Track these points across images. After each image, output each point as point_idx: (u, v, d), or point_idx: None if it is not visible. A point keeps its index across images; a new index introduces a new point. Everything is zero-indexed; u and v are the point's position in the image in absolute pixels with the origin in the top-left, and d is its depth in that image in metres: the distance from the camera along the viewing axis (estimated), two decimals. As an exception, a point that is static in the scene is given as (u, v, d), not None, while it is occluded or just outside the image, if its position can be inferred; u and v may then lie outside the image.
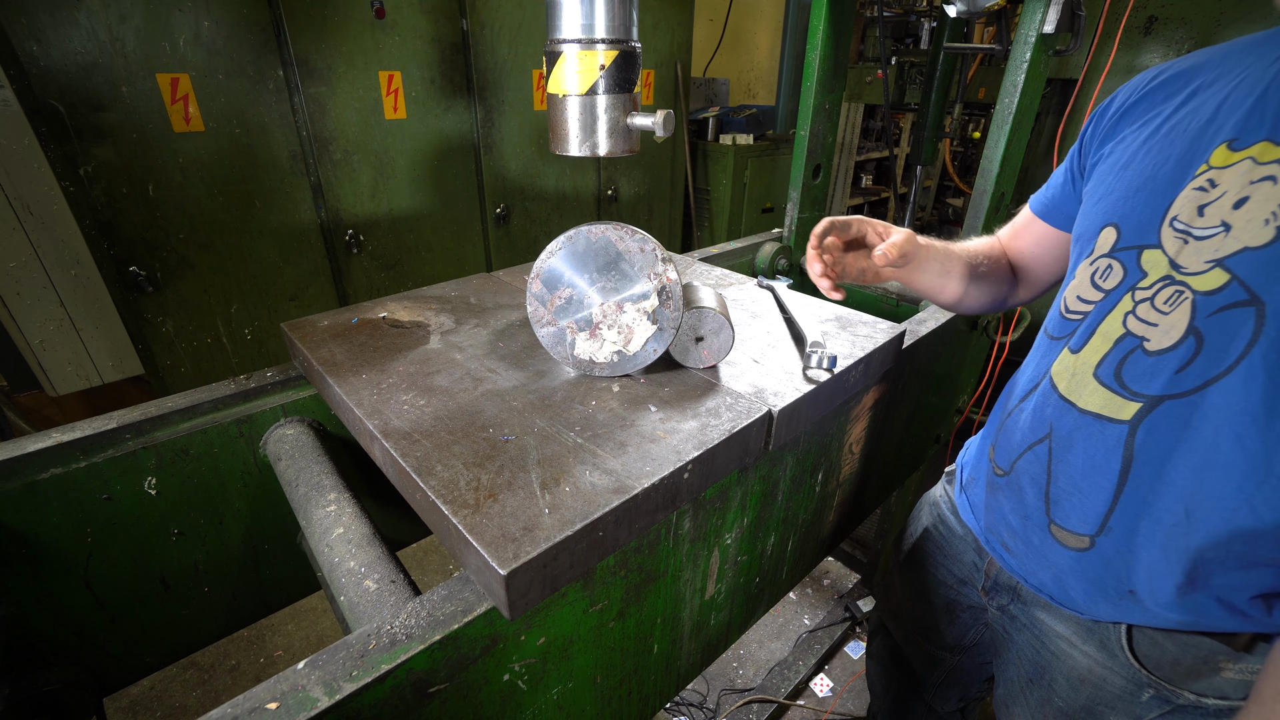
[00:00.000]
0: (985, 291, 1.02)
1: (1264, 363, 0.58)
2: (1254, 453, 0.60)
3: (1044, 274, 1.01)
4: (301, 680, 0.54)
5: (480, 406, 0.80)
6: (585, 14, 0.75)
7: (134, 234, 1.87)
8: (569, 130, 0.82)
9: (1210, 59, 0.72)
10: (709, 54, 4.59)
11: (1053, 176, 0.92)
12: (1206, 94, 0.69)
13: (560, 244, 0.82)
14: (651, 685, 0.92)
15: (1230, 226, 0.61)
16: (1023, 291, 1.05)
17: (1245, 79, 0.65)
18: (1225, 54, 0.70)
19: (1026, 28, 1.25)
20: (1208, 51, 0.73)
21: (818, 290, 0.97)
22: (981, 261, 1.00)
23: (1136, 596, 0.72)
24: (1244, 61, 0.67)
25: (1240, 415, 0.60)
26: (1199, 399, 0.62)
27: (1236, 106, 0.64)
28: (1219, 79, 0.68)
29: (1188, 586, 0.68)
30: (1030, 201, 0.97)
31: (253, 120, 1.99)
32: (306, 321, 1.04)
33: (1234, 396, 0.60)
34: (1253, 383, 0.59)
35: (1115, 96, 0.81)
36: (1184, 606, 0.69)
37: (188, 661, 1.94)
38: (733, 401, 0.82)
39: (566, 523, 0.61)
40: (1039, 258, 0.99)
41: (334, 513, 0.84)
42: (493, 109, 2.57)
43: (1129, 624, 0.76)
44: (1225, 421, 0.61)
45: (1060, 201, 0.90)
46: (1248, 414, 0.60)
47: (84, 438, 0.88)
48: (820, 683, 1.98)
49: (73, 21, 1.62)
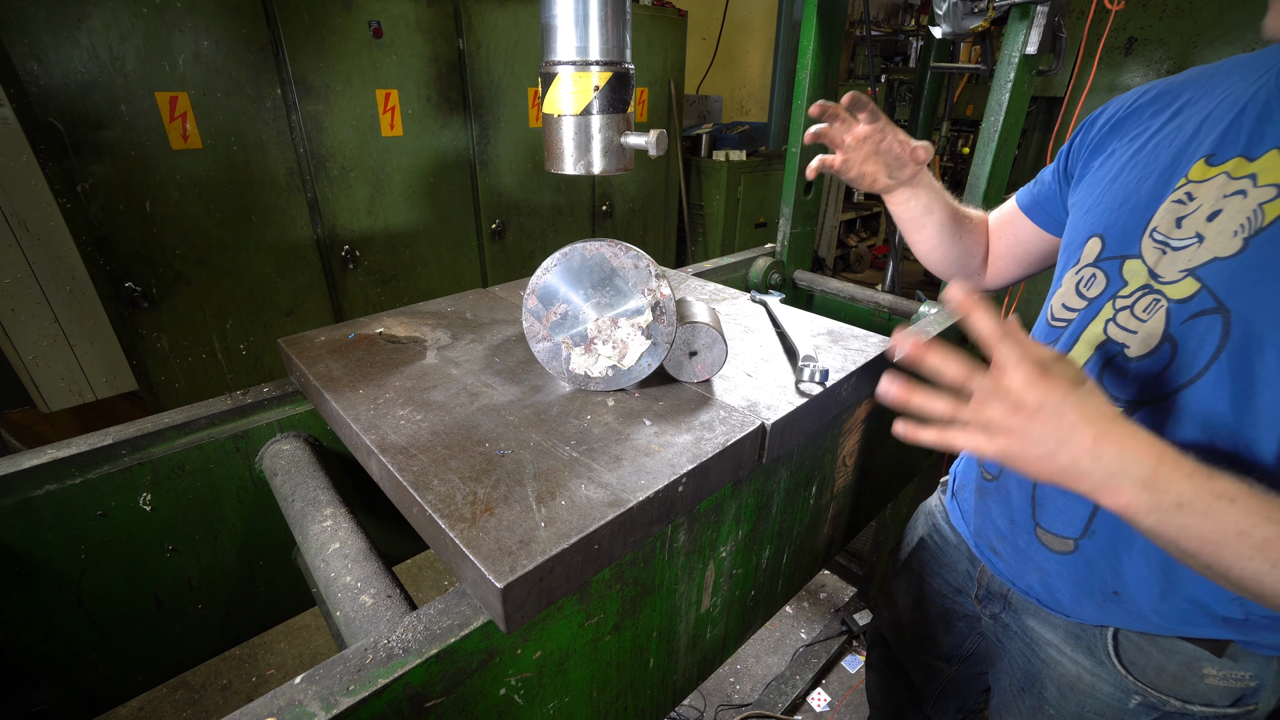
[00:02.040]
0: (954, 250, 1.03)
1: (1230, 368, 0.60)
2: (1229, 453, 0.62)
3: (1012, 268, 1.03)
4: (298, 695, 0.54)
5: (476, 421, 0.81)
6: (580, 37, 0.77)
7: (130, 250, 1.87)
8: (564, 149, 0.84)
9: (1198, 77, 0.74)
10: (702, 72, 4.67)
11: (1040, 174, 0.95)
12: (1191, 111, 0.71)
13: (555, 260, 0.83)
14: (647, 699, 0.92)
15: (1203, 238, 0.64)
16: (988, 276, 1.07)
17: (1227, 97, 0.68)
18: (1213, 73, 0.73)
19: (1010, 49, 1.29)
20: (1196, 71, 0.76)
21: (810, 306, 0.98)
22: (965, 221, 1.02)
23: (1120, 599, 0.73)
24: (1228, 81, 0.69)
25: (1211, 419, 0.62)
26: (1173, 403, 0.64)
27: (1216, 123, 0.67)
28: (1204, 96, 0.71)
29: (1168, 588, 0.70)
30: (1016, 196, 0.99)
31: (250, 138, 2.01)
32: (303, 337, 1.05)
33: (1204, 401, 0.62)
34: (1220, 387, 0.61)
35: (1105, 109, 0.83)
36: (1166, 609, 0.71)
37: (178, 681, 1.92)
38: (726, 415, 0.83)
39: (562, 536, 0.61)
40: (1012, 250, 1.01)
41: (330, 528, 0.84)
42: (488, 126, 2.60)
43: (1115, 628, 0.77)
44: (1198, 425, 0.63)
45: (1045, 200, 0.93)
46: (1217, 418, 0.62)
47: (80, 454, 0.88)
48: (817, 697, 1.97)
49: (74, 41, 1.64)
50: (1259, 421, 0.59)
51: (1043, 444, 0.55)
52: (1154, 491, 0.52)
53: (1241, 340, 0.60)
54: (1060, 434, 0.54)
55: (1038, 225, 0.94)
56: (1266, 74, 0.65)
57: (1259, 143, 0.63)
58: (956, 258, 1.04)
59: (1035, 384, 0.55)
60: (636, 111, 3.26)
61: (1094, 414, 0.55)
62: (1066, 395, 0.55)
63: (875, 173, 0.97)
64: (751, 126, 4.03)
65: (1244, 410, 0.60)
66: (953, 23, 1.34)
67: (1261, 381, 0.59)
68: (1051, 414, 0.55)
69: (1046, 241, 0.94)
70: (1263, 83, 0.65)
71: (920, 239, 1.04)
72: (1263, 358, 0.58)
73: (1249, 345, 0.59)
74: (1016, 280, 1.04)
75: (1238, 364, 0.60)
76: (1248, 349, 0.59)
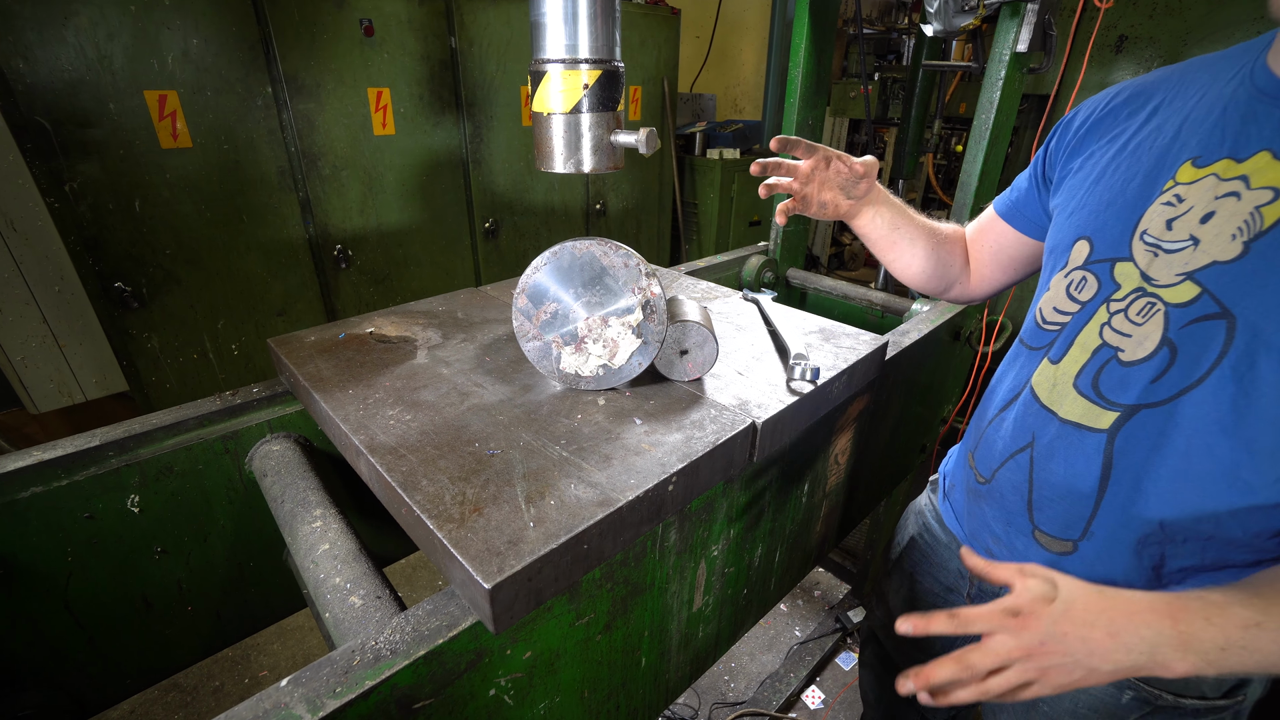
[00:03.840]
0: (931, 263, 1.03)
1: (1233, 374, 0.60)
2: (1223, 461, 0.62)
3: (997, 274, 1.03)
4: (284, 698, 0.53)
5: (466, 421, 0.80)
6: (569, 35, 0.77)
7: (120, 249, 1.86)
8: (554, 148, 0.83)
9: (1168, 78, 0.75)
10: (695, 70, 4.66)
11: (1016, 180, 0.95)
12: (1167, 111, 0.71)
13: (545, 259, 0.83)
14: (640, 699, 0.92)
15: (1199, 240, 0.63)
16: (971, 286, 1.07)
17: (1204, 98, 0.68)
18: (1182, 73, 0.73)
19: (1001, 46, 1.29)
20: (1164, 71, 0.77)
21: (803, 304, 0.98)
22: (936, 233, 1.03)
23: None
24: (1198, 81, 0.70)
25: (1211, 425, 0.62)
26: (1172, 408, 0.64)
27: (1198, 125, 0.67)
28: (1177, 97, 0.71)
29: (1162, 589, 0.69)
30: (994, 203, 0.99)
31: (241, 136, 2.00)
32: (293, 337, 1.04)
33: (1205, 406, 0.62)
34: (1222, 393, 0.61)
35: (1079, 111, 0.83)
36: None
37: (170, 683, 1.91)
38: (717, 414, 0.83)
39: (551, 536, 0.61)
40: (995, 256, 1.01)
41: (320, 528, 0.83)
42: (481, 125, 2.59)
43: None
44: (1197, 431, 0.63)
45: (1023, 205, 0.93)
46: (1218, 424, 0.61)
47: (65, 455, 0.87)
48: (812, 695, 1.97)
49: (60, 39, 1.62)
50: (1261, 425, 0.59)
51: (1076, 664, 0.58)
52: (1194, 652, 0.56)
53: (1247, 346, 0.59)
54: (1080, 650, 0.58)
55: (1018, 230, 0.94)
56: (1240, 73, 0.65)
57: (1245, 144, 0.63)
58: (935, 270, 1.04)
59: (1022, 630, 0.59)
60: (630, 110, 3.26)
61: (1087, 614, 0.58)
62: (1053, 618, 0.59)
63: (834, 199, 0.99)
64: (745, 125, 4.03)
65: (1245, 414, 0.60)
66: (944, 21, 1.34)
67: (1266, 385, 0.58)
68: (1056, 640, 0.58)
69: (1028, 246, 0.94)
70: (1239, 82, 0.65)
71: (895, 257, 1.04)
72: (1270, 362, 0.58)
73: (1255, 350, 0.59)
74: (1004, 287, 1.04)
75: (1242, 369, 0.60)
76: (1253, 354, 0.59)
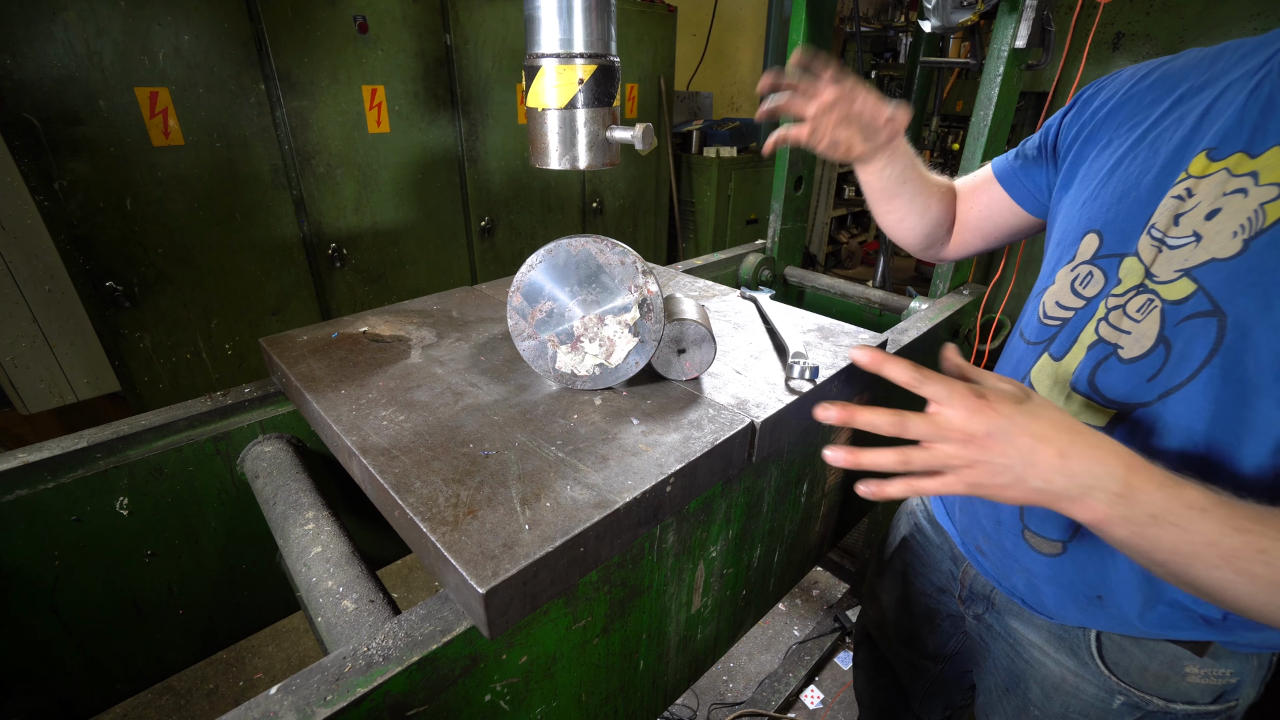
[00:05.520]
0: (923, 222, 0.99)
1: (1222, 373, 0.58)
2: (1210, 462, 0.60)
3: (974, 240, 0.99)
4: (273, 706, 0.52)
5: (461, 421, 0.79)
6: (563, 29, 0.76)
7: (111, 248, 1.84)
8: (549, 144, 0.82)
9: (1198, 64, 0.70)
10: (692, 68, 4.65)
11: (1023, 145, 0.89)
12: (1194, 100, 0.67)
13: (540, 257, 0.82)
14: (638, 702, 0.91)
15: (1201, 237, 0.61)
16: (950, 247, 1.03)
17: (1230, 87, 0.64)
18: (1214, 58, 0.69)
19: (999, 42, 1.28)
20: (1196, 55, 0.71)
21: (801, 302, 0.97)
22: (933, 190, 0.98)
23: (1103, 602, 0.73)
24: (1228, 67, 0.66)
25: (1199, 424, 0.60)
26: (1163, 407, 0.63)
27: (1219, 115, 0.64)
28: (1206, 85, 0.67)
29: (1151, 594, 0.69)
30: (993, 163, 0.94)
31: (234, 134, 1.98)
32: (285, 337, 1.02)
33: (1194, 405, 0.60)
34: (1210, 392, 0.59)
35: (1101, 89, 0.79)
36: (1149, 614, 0.70)
37: (163, 687, 1.89)
38: (715, 413, 0.82)
39: (547, 539, 0.60)
40: (981, 221, 0.97)
41: (312, 531, 0.82)
42: (477, 122, 2.58)
43: (1097, 630, 0.76)
44: (1186, 429, 0.61)
45: (1024, 175, 0.88)
46: (1206, 423, 0.60)
47: (52, 457, 0.86)
48: (811, 694, 1.97)
49: (49, 35, 1.60)
50: (1246, 429, 0.57)
51: (1008, 470, 0.54)
52: (1128, 503, 0.51)
53: (1236, 346, 0.57)
54: (1022, 456, 0.53)
55: (1013, 199, 0.90)
56: (1270, 61, 0.61)
57: (1262, 139, 0.60)
58: (925, 231, 1.00)
59: (976, 412, 0.53)
60: (626, 108, 3.24)
61: (1050, 428, 0.53)
62: (1013, 416, 0.53)
63: (849, 139, 0.89)
64: (742, 123, 4.03)
65: (1231, 418, 0.58)
66: (941, 17, 1.33)
67: (1252, 387, 0.57)
68: (1004, 438, 0.53)
69: (1019, 217, 0.91)
70: (1265, 71, 0.61)
71: (890, 209, 0.98)
72: (1257, 364, 0.56)
73: (1243, 351, 0.57)
74: (978, 252, 1.00)
75: (1230, 369, 0.58)
76: (1241, 354, 0.57)
